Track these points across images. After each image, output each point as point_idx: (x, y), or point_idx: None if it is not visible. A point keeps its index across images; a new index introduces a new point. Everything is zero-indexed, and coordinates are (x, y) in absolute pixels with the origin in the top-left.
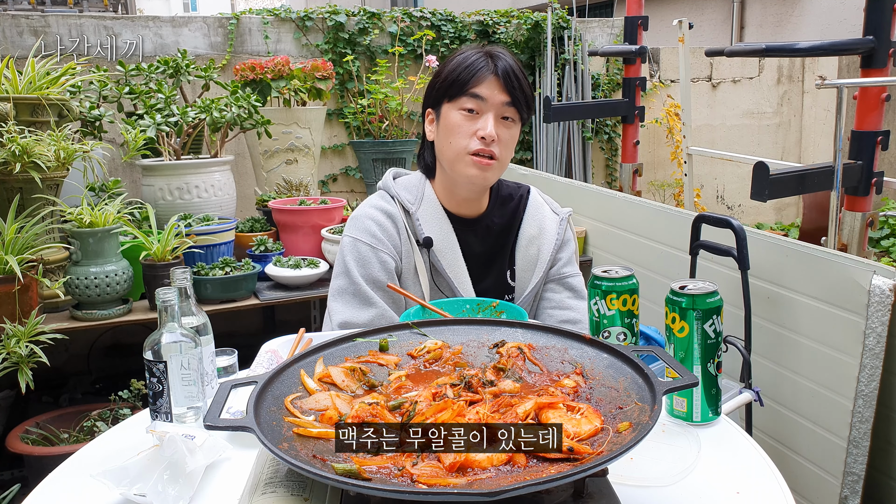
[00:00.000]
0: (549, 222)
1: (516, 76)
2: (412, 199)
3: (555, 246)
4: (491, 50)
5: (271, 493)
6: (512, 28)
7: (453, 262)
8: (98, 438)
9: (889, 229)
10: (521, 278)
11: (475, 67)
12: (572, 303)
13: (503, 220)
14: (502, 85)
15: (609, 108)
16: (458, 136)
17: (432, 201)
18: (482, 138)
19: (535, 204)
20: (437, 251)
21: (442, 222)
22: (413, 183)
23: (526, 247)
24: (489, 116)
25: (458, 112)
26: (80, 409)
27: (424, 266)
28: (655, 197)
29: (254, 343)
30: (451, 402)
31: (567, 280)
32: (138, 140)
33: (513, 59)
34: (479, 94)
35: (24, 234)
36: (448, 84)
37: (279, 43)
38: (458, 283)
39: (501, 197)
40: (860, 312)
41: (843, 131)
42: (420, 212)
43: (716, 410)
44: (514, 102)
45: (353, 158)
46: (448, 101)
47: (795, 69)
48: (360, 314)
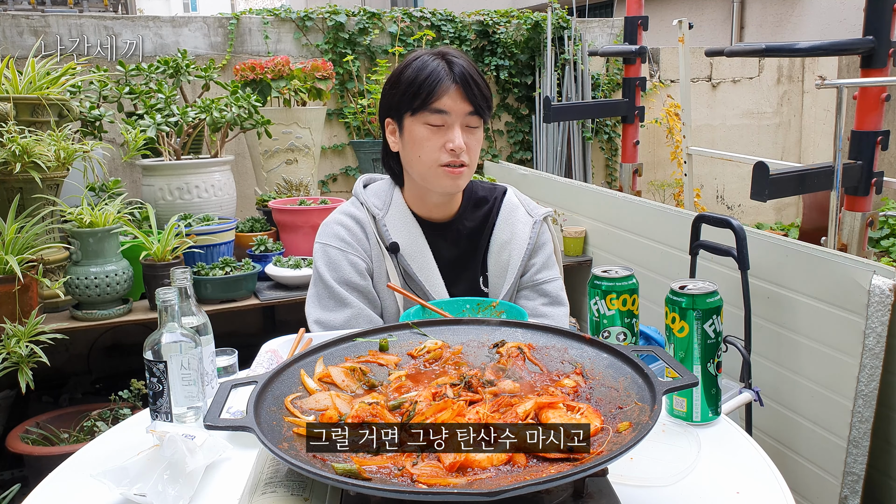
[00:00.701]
0: (521, 226)
1: (475, 81)
2: (380, 204)
3: (526, 251)
4: (446, 54)
5: (271, 493)
6: (512, 28)
7: (424, 265)
8: (98, 438)
9: (889, 229)
10: (493, 284)
11: (434, 78)
12: (546, 310)
13: (474, 224)
14: (464, 94)
15: (609, 108)
16: (427, 151)
17: (400, 206)
18: (452, 150)
19: (510, 207)
20: (407, 255)
21: (410, 227)
22: (382, 189)
23: (498, 252)
24: (456, 128)
25: (422, 127)
26: (80, 409)
27: (396, 271)
28: (655, 197)
29: (254, 343)
30: (451, 402)
31: (541, 286)
32: (138, 140)
33: (467, 61)
34: (443, 108)
35: (24, 234)
36: (409, 97)
37: (279, 43)
38: (431, 287)
39: (475, 199)
40: (860, 312)
41: (843, 131)
42: (388, 217)
43: (716, 410)
44: (478, 110)
45: (353, 158)
46: (411, 114)
47: (795, 69)
48: (335, 315)
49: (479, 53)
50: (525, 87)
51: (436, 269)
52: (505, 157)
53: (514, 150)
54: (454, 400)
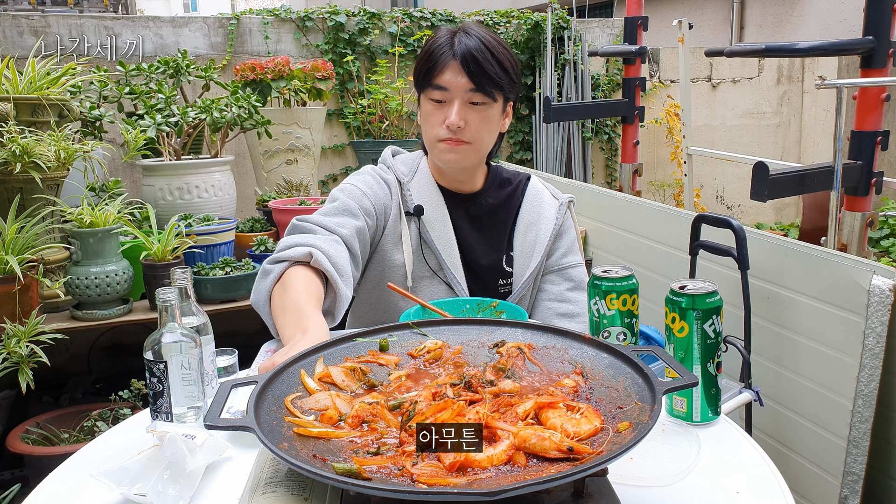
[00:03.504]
0: (547, 208)
1: (476, 59)
2: (406, 171)
3: (553, 232)
4: (463, 29)
5: (271, 493)
6: (512, 28)
7: (442, 233)
8: (98, 438)
9: (889, 229)
10: (518, 265)
11: (437, 55)
12: (571, 295)
13: (498, 202)
14: (464, 71)
15: (609, 108)
16: (430, 126)
17: (426, 174)
18: (448, 126)
19: (535, 190)
20: (427, 221)
21: (434, 195)
22: (411, 158)
23: (524, 233)
24: (455, 104)
25: (428, 102)
26: (80, 409)
27: (410, 236)
28: (655, 197)
29: (254, 343)
30: (451, 401)
31: (567, 271)
32: (138, 140)
33: (478, 38)
34: (442, 84)
35: (24, 234)
36: (420, 73)
37: (279, 43)
38: (446, 256)
39: (500, 180)
40: (860, 312)
41: (843, 131)
42: (413, 183)
43: (715, 410)
44: (479, 87)
45: (353, 158)
46: (421, 90)
47: (795, 69)
48: (324, 216)
49: None
50: (525, 88)
51: (453, 239)
52: (505, 158)
53: (514, 150)
54: (454, 400)
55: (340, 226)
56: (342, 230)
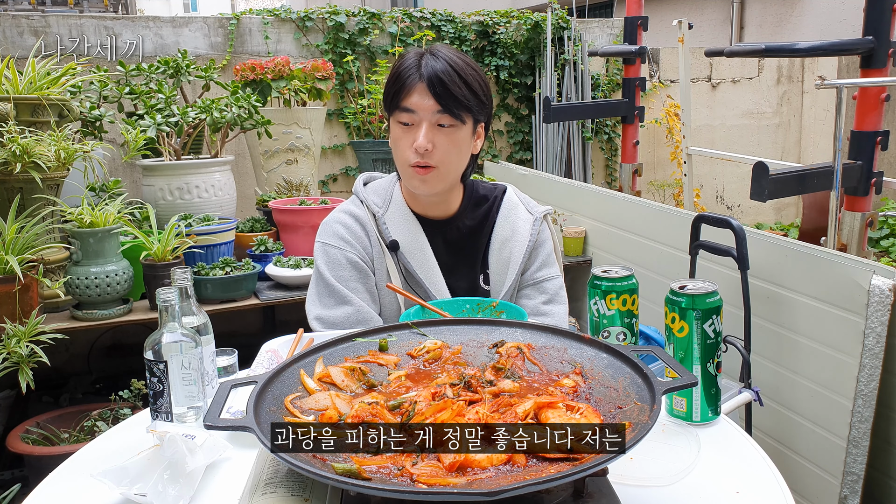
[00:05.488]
0: (521, 223)
1: (442, 81)
2: (380, 202)
3: (527, 248)
4: (430, 51)
5: (271, 493)
6: (512, 28)
7: (423, 263)
8: (98, 438)
9: (889, 229)
10: (494, 282)
11: (404, 77)
12: (546, 308)
13: (475, 222)
14: (430, 93)
15: (609, 108)
16: (400, 150)
17: (400, 204)
18: (416, 150)
19: (510, 204)
20: (406, 253)
21: (410, 225)
22: (383, 186)
23: (499, 249)
24: (423, 127)
25: (397, 125)
26: (80, 409)
27: (396, 269)
28: (655, 197)
29: (254, 343)
30: (450, 401)
31: (542, 284)
32: (139, 140)
33: (445, 60)
34: (409, 106)
35: (24, 234)
36: (388, 95)
37: (279, 43)
38: (431, 285)
39: (476, 198)
40: (860, 312)
41: (843, 131)
42: (387, 215)
43: (715, 410)
44: (446, 109)
45: (353, 158)
46: (390, 113)
47: (795, 69)
48: (334, 312)
49: (480, 54)
50: (525, 88)
51: (436, 267)
52: (505, 158)
53: (513, 150)
54: (454, 400)
55: (353, 317)
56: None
